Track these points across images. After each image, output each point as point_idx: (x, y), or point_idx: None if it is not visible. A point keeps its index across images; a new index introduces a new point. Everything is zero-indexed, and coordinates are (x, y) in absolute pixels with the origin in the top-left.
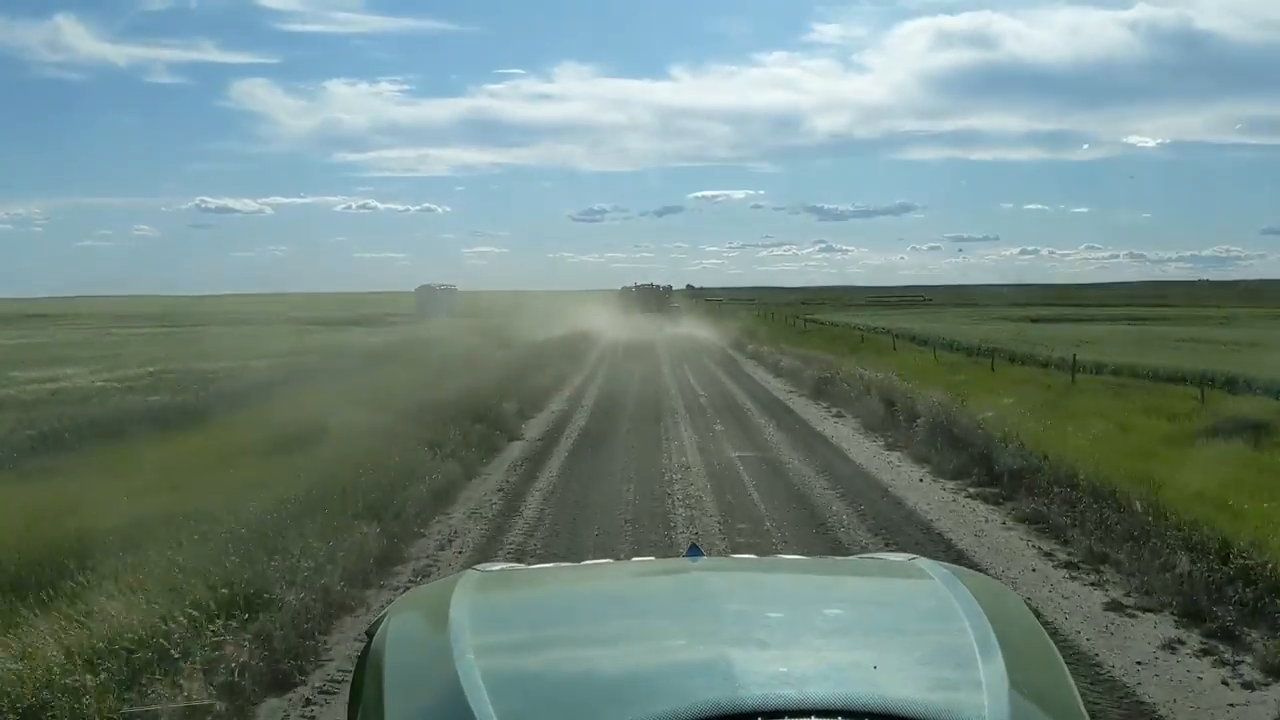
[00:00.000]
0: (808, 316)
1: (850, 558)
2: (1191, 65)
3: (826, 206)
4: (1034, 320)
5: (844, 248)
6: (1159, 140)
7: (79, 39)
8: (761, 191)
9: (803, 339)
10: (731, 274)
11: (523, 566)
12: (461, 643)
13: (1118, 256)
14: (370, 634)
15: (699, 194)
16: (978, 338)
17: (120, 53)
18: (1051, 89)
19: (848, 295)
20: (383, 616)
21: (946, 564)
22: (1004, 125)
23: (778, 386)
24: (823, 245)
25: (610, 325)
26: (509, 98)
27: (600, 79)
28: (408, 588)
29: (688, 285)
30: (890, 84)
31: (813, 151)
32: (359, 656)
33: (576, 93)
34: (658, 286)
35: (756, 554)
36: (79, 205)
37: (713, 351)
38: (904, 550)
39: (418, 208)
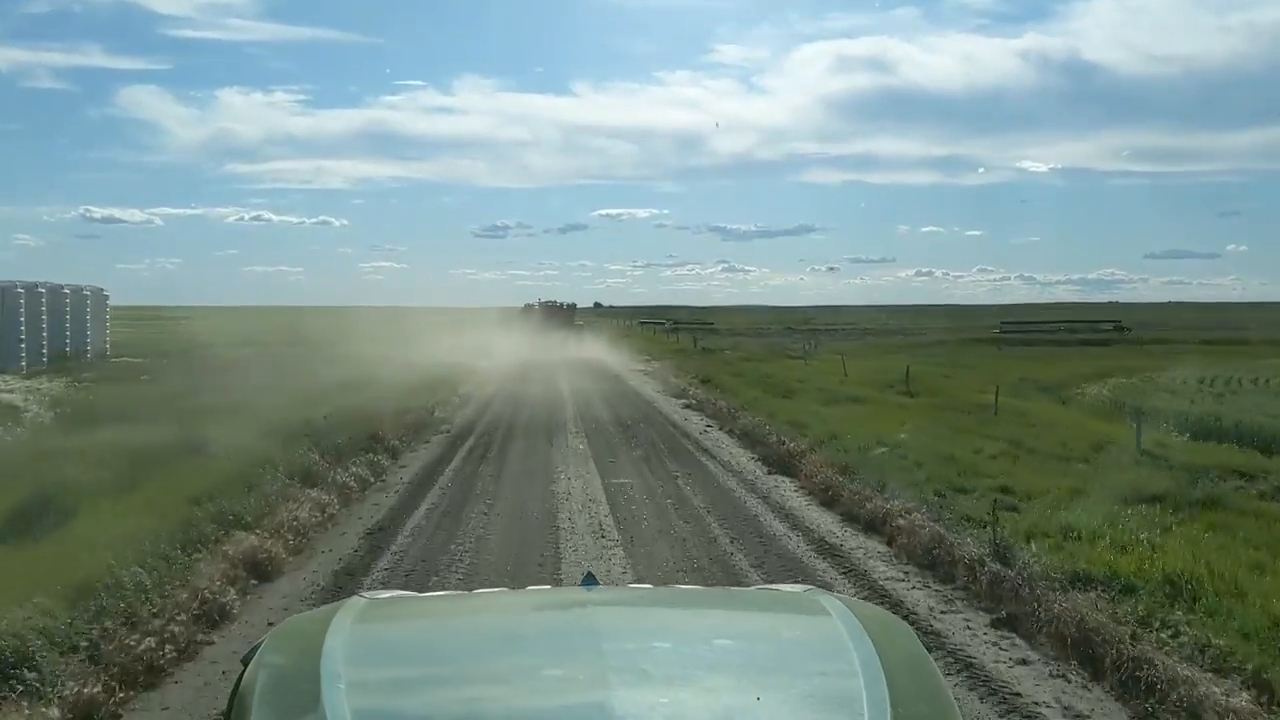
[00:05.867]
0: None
1: (747, 589)
2: (1080, 94)
3: (729, 227)
4: None
5: (746, 268)
6: (1049, 166)
7: None
8: (666, 211)
9: None
10: (636, 293)
11: (412, 595)
12: (333, 676)
13: (1009, 279)
14: (245, 661)
15: (603, 212)
16: None
17: (0, 56)
18: (946, 114)
19: (855, 317)
20: (258, 644)
21: (842, 596)
22: (901, 149)
23: None
24: (725, 265)
25: (496, 364)
26: (408, 110)
27: (502, 93)
28: None
29: (595, 304)
30: (791, 106)
31: (715, 172)
32: (233, 685)
33: (478, 106)
34: (561, 304)
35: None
36: None
37: None
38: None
39: (313, 220)
